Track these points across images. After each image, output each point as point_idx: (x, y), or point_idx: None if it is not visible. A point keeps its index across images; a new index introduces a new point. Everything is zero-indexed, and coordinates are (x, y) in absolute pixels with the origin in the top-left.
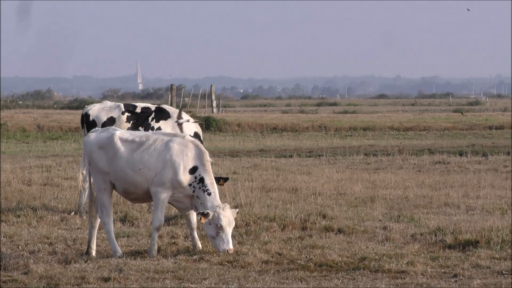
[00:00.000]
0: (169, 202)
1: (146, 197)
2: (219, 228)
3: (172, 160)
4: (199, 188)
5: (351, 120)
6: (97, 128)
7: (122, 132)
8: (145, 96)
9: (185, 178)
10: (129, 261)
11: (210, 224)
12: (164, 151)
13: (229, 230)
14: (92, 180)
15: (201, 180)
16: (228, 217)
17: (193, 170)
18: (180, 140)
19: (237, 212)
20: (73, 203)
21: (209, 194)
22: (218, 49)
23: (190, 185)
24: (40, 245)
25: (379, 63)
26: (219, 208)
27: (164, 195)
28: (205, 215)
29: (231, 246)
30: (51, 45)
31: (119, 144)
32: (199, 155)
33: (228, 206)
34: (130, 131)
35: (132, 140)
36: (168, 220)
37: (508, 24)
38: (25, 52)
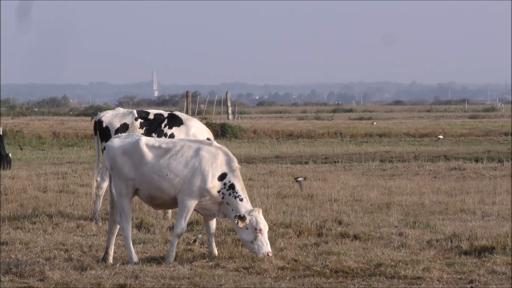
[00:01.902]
0: (195, 210)
1: (172, 203)
2: (258, 232)
3: (202, 168)
4: (229, 194)
5: (366, 127)
6: (120, 134)
7: (147, 138)
8: (160, 102)
9: (213, 185)
10: (145, 268)
11: (247, 229)
12: (193, 159)
13: (266, 233)
14: (113, 185)
15: (231, 186)
16: (263, 220)
17: (222, 177)
18: (209, 147)
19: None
20: (89, 210)
21: (241, 200)
22: (234, 56)
23: (219, 192)
24: (56, 251)
25: (395, 69)
26: (255, 211)
27: (191, 203)
28: (242, 218)
29: (270, 249)
30: (66, 51)
31: (145, 149)
32: (228, 162)
33: (261, 210)
34: (155, 137)
35: (159, 146)
36: None
37: None
38: (40, 58)
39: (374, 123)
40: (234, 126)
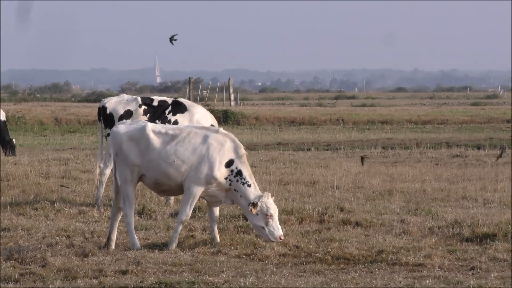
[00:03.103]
0: (201, 197)
1: (178, 189)
2: (269, 217)
3: (209, 155)
4: (237, 181)
5: (369, 114)
6: (125, 120)
7: (153, 124)
8: (163, 89)
9: (220, 173)
10: (146, 254)
11: (257, 215)
12: (200, 146)
13: (276, 217)
14: (117, 171)
15: (239, 173)
16: (273, 205)
17: (229, 164)
18: (216, 134)
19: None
20: (91, 196)
21: (249, 186)
22: (236, 42)
23: (226, 178)
24: (57, 238)
25: (398, 57)
26: (264, 197)
27: (198, 191)
28: (255, 205)
29: (281, 233)
30: (68, 37)
31: (152, 135)
32: (235, 148)
33: (269, 194)
34: (161, 124)
35: (165, 132)
36: None
37: None
38: (42, 44)
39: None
40: (236, 112)
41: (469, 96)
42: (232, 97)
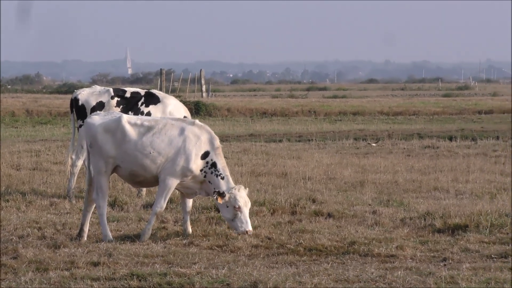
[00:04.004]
0: (176, 188)
1: (153, 181)
2: (237, 209)
3: (185, 147)
4: (211, 173)
5: (340, 105)
6: (98, 111)
7: (129, 116)
8: (134, 80)
9: (196, 165)
10: (118, 246)
11: (227, 206)
12: (177, 138)
13: (246, 210)
14: (91, 162)
15: (213, 165)
16: (244, 198)
17: (204, 155)
18: (192, 126)
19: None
20: (62, 187)
21: (223, 178)
22: (208, 34)
23: (201, 170)
24: (29, 229)
25: (370, 48)
26: (235, 189)
27: (173, 183)
28: (221, 194)
29: (250, 227)
30: (40, 29)
31: (127, 127)
32: (211, 140)
33: (242, 187)
34: (136, 116)
35: (141, 124)
36: None
37: (498, 9)
38: (12, 36)
39: (373, 144)
40: (208, 104)
41: (441, 87)
42: (203, 88)
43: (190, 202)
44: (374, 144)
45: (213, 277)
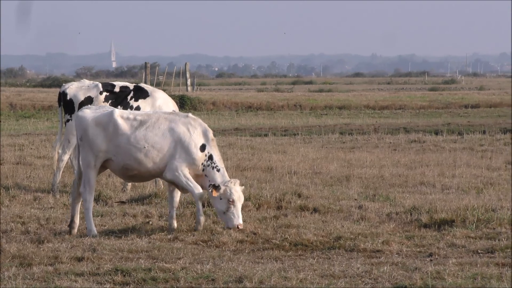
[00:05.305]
0: (172, 183)
1: (146, 175)
2: (231, 203)
3: (182, 140)
4: (208, 165)
5: (326, 99)
6: (89, 105)
7: (121, 110)
8: (119, 74)
9: (198, 156)
10: (102, 241)
11: (221, 199)
12: (171, 132)
13: (239, 205)
14: (81, 156)
15: (210, 157)
16: (238, 192)
17: (202, 148)
18: (185, 119)
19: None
20: (46, 182)
21: (218, 170)
22: (193, 27)
23: (202, 164)
24: (12, 224)
25: (356, 42)
26: (230, 183)
27: (185, 173)
28: (216, 187)
29: (241, 222)
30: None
31: (120, 121)
32: (205, 133)
33: (238, 182)
34: (128, 110)
35: (134, 118)
36: (143, 199)
37: (485, 3)
38: None
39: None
40: (193, 98)
41: (427, 81)
42: (188, 82)
43: (177, 197)
44: None
45: (198, 272)
